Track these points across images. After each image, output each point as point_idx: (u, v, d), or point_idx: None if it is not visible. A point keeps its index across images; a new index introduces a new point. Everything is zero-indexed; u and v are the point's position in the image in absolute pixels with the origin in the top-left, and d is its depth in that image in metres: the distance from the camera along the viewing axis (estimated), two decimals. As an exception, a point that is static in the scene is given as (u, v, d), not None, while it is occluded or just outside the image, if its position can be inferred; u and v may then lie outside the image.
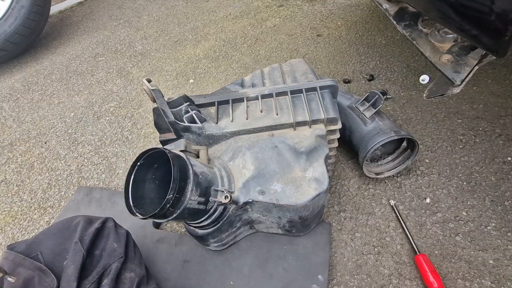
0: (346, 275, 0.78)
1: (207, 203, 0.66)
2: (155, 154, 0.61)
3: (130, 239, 0.70)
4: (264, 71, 0.95)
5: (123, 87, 1.57)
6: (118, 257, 0.63)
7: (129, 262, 0.65)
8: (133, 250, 0.69)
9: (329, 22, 1.80)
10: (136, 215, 0.56)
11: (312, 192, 0.70)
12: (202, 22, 2.05)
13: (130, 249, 0.68)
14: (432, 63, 0.83)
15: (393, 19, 1.01)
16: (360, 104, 0.93)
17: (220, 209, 0.71)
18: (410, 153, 0.93)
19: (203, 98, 0.83)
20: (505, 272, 0.74)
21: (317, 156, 0.74)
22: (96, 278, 0.58)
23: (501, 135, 1.01)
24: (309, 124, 0.77)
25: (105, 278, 0.59)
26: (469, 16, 0.64)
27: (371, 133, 0.88)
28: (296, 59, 0.97)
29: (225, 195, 0.65)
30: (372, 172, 0.94)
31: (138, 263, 0.67)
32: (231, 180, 0.72)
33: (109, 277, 0.59)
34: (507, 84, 1.18)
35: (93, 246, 0.63)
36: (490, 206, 0.86)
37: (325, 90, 0.82)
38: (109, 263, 0.61)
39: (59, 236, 0.63)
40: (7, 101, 1.60)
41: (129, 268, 0.63)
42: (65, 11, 2.55)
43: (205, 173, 0.65)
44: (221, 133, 0.77)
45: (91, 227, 0.65)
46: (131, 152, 1.21)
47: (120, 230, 0.69)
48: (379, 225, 0.86)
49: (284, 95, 0.82)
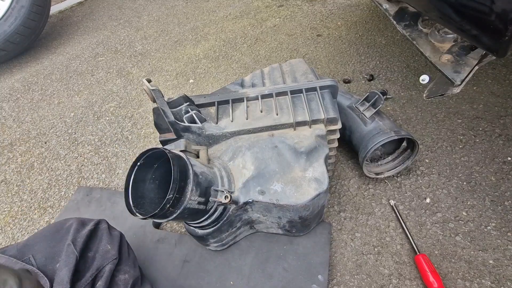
0: (346, 275, 0.78)
1: (207, 203, 0.66)
2: (155, 154, 0.61)
3: (123, 241, 0.70)
4: (264, 71, 0.95)
5: (123, 87, 1.57)
6: (111, 259, 0.62)
7: (123, 264, 0.64)
8: (127, 251, 0.68)
9: (329, 22, 1.80)
10: (136, 215, 0.56)
11: (312, 192, 0.70)
12: (202, 22, 2.05)
13: (124, 250, 0.67)
14: (432, 63, 0.83)
15: (393, 19, 1.01)
16: (360, 104, 0.93)
17: (220, 209, 0.70)
18: (410, 153, 0.93)
19: (203, 98, 0.82)
20: (505, 272, 0.74)
21: (317, 156, 0.74)
22: (90, 280, 0.57)
23: (501, 135, 1.01)
24: (309, 124, 0.77)
25: (99, 280, 0.58)
26: (469, 16, 0.64)
27: (371, 133, 0.88)
28: (296, 59, 0.97)
29: (225, 195, 0.65)
30: (372, 172, 0.94)
31: (132, 264, 0.67)
32: (231, 180, 0.72)
33: (103, 279, 0.58)
34: (507, 84, 1.18)
35: (86, 248, 0.62)
36: (490, 206, 0.86)
37: (325, 90, 0.82)
38: (102, 265, 0.60)
39: (51, 238, 0.62)
40: (7, 101, 1.60)
41: (123, 270, 0.63)
42: (65, 11, 2.55)
43: (205, 173, 0.65)
44: (221, 133, 0.77)
45: (84, 229, 0.64)
46: (131, 152, 1.21)
47: (113, 232, 0.69)
48: (379, 225, 0.86)
49: (284, 95, 0.82)
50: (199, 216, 0.69)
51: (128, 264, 0.65)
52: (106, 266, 0.60)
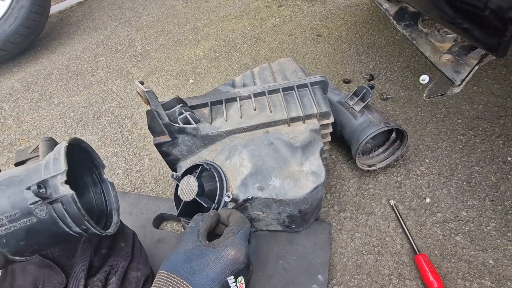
0: (346, 275, 0.78)
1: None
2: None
3: (136, 239, 0.71)
4: (254, 71, 0.96)
5: (123, 87, 1.57)
6: (125, 256, 0.64)
7: (136, 262, 0.65)
8: (139, 250, 0.70)
9: (329, 22, 1.80)
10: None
11: (310, 185, 0.70)
12: (202, 22, 2.05)
13: (136, 248, 0.69)
14: (432, 63, 0.83)
15: (393, 19, 1.02)
16: (349, 98, 0.96)
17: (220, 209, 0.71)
18: (400, 144, 0.96)
19: (195, 100, 0.83)
20: (505, 272, 0.74)
21: (313, 150, 0.76)
22: (104, 276, 0.59)
23: (501, 135, 1.01)
24: (302, 120, 0.78)
25: (112, 277, 0.60)
26: (469, 16, 0.64)
27: (362, 126, 0.90)
28: (285, 58, 0.99)
29: (227, 194, 0.68)
30: (365, 164, 0.96)
31: (144, 262, 0.68)
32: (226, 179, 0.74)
33: (117, 275, 0.60)
34: (507, 84, 1.18)
35: (100, 245, 0.64)
36: (490, 206, 0.86)
37: (316, 86, 0.84)
38: (116, 261, 0.62)
39: None
40: (7, 101, 1.60)
41: (135, 268, 0.64)
42: (65, 11, 2.55)
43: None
44: (216, 132, 0.77)
45: None
46: (131, 152, 1.21)
47: (127, 230, 0.71)
48: (379, 225, 0.86)
49: (276, 92, 0.83)
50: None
51: (140, 262, 0.66)
52: (120, 263, 0.62)
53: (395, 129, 0.94)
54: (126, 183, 1.09)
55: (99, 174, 0.63)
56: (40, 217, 0.45)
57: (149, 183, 1.08)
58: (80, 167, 0.60)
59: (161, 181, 1.08)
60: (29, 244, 0.47)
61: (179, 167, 0.83)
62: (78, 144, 0.56)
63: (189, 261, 0.52)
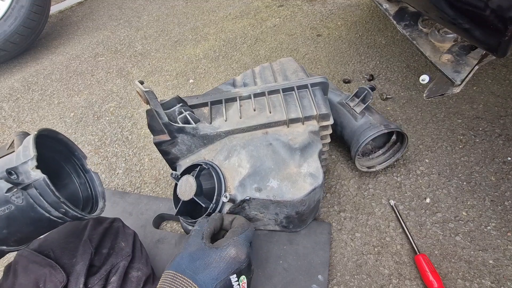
0: (346, 275, 0.78)
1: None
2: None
3: (137, 239, 0.72)
4: (255, 71, 0.96)
5: (123, 87, 1.57)
6: (125, 255, 0.64)
7: (136, 262, 0.66)
8: (140, 249, 0.70)
9: (329, 22, 1.80)
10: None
11: (308, 187, 0.70)
12: (202, 22, 2.05)
13: (137, 248, 0.69)
14: (432, 63, 0.83)
15: (393, 19, 1.02)
16: (350, 100, 0.95)
17: (219, 208, 0.71)
18: (400, 146, 0.95)
19: (195, 99, 0.83)
20: (505, 272, 0.74)
21: (311, 151, 0.75)
22: (104, 275, 0.59)
23: (501, 135, 1.01)
24: (302, 121, 0.78)
25: (112, 276, 0.60)
26: (469, 16, 0.64)
27: (362, 127, 0.90)
28: (286, 57, 0.99)
29: (225, 195, 0.68)
30: (364, 166, 0.96)
31: (145, 262, 0.68)
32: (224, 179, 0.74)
33: (117, 274, 0.60)
34: (507, 84, 1.18)
35: (101, 245, 0.64)
36: (490, 206, 0.86)
37: (316, 87, 0.83)
38: (117, 261, 0.63)
39: (69, 235, 0.65)
40: (7, 101, 1.60)
41: (136, 267, 0.65)
42: (65, 11, 2.55)
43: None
44: (216, 132, 0.77)
45: (100, 226, 0.67)
46: (131, 152, 1.21)
47: (127, 230, 0.71)
48: (379, 225, 0.86)
49: (276, 93, 0.83)
50: (200, 215, 0.70)
51: (141, 262, 0.67)
52: (120, 262, 0.63)
53: (396, 131, 0.93)
54: (126, 183, 1.09)
55: (81, 165, 0.64)
56: (17, 204, 0.46)
57: (149, 183, 1.08)
58: (60, 159, 0.62)
59: (161, 181, 1.08)
60: (11, 232, 0.48)
61: (178, 166, 0.84)
62: (54, 136, 0.58)
63: (193, 261, 0.55)
